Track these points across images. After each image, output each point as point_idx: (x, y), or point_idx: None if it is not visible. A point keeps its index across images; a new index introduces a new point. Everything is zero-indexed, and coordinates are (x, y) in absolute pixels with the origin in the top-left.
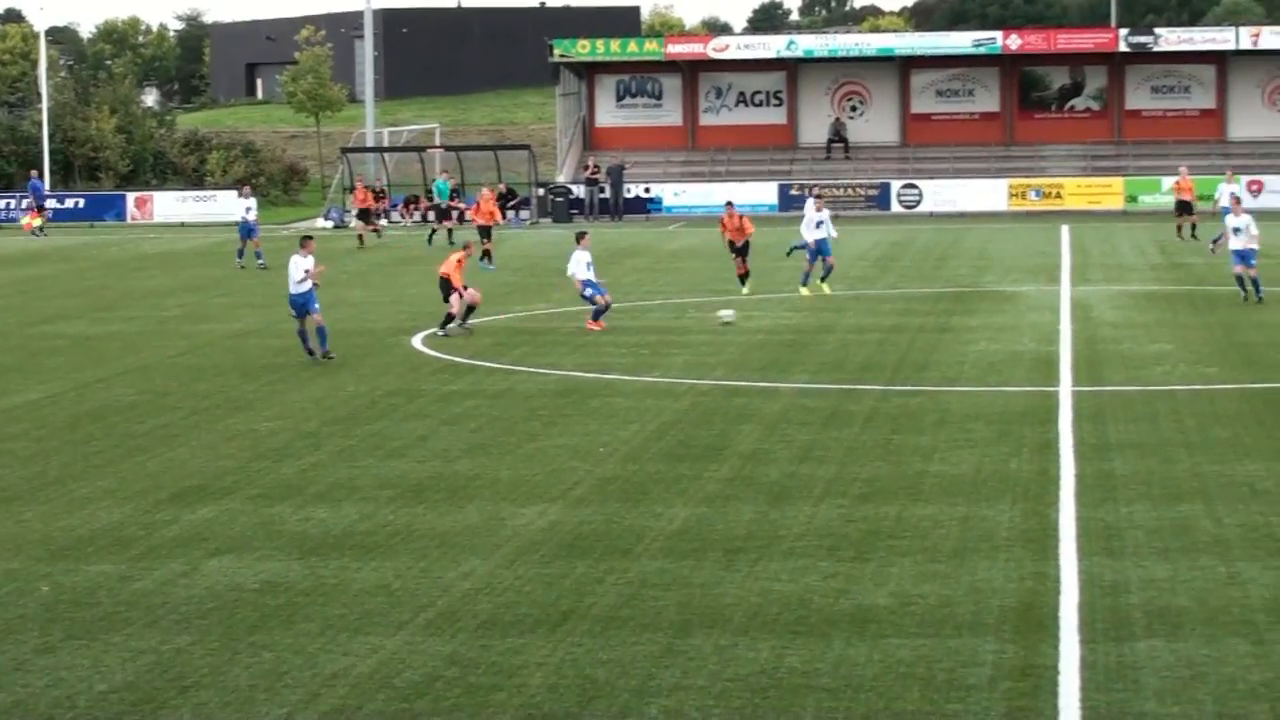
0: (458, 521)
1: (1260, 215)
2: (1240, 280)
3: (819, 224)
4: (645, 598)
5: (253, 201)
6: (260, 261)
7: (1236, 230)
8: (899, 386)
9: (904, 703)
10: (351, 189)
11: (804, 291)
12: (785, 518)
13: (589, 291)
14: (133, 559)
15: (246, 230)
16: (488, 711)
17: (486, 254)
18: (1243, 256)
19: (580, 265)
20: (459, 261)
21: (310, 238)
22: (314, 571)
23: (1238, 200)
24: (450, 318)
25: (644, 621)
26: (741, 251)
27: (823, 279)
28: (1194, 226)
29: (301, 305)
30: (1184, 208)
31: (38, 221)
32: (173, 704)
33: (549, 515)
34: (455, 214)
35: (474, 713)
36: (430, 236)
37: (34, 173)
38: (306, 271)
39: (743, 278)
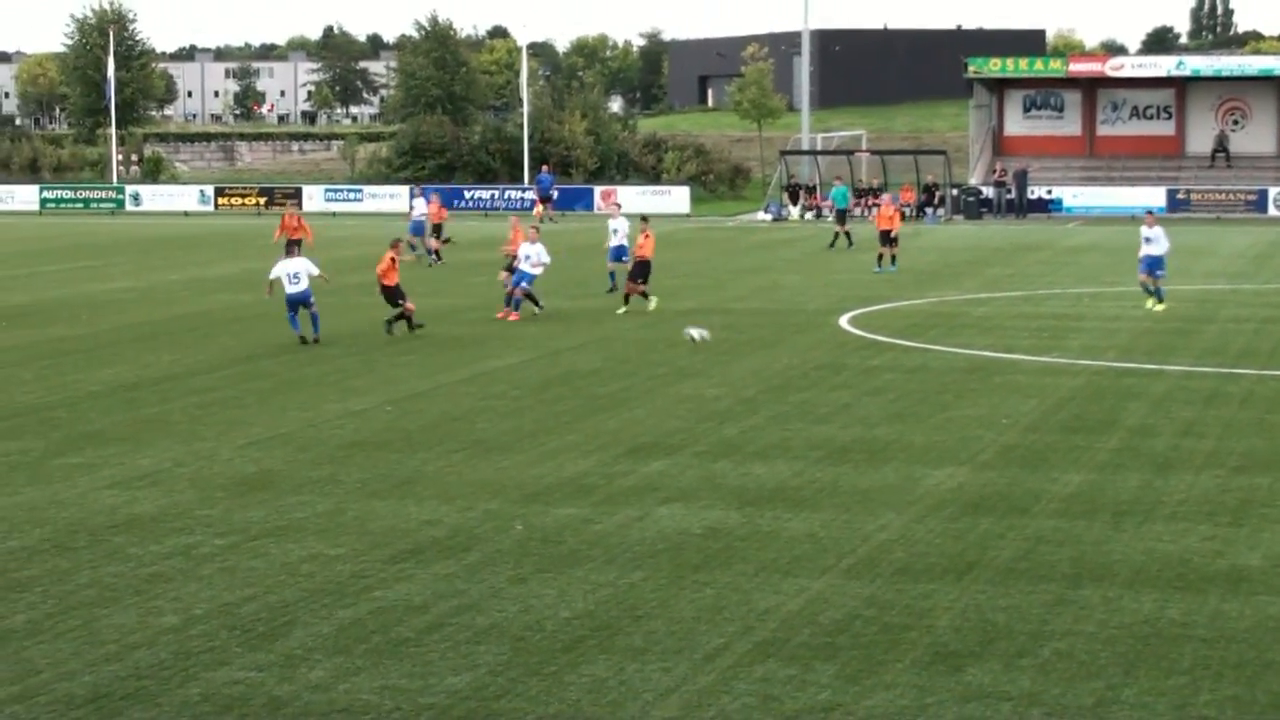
0: (876, 480)
1: None
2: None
3: (615, 231)
4: (1041, 553)
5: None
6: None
7: None
8: (1274, 371)
9: (1274, 654)
10: (787, 187)
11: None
12: (1168, 485)
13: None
14: (594, 504)
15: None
16: (901, 647)
17: (882, 257)
18: None
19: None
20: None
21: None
22: (750, 520)
23: None
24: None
25: (1040, 573)
26: (640, 273)
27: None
28: None
29: None
30: None
31: (543, 210)
32: (626, 630)
33: (957, 477)
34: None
35: (889, 648)
36: (833, 242)
37: (544, 167)
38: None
39: (632, 296)
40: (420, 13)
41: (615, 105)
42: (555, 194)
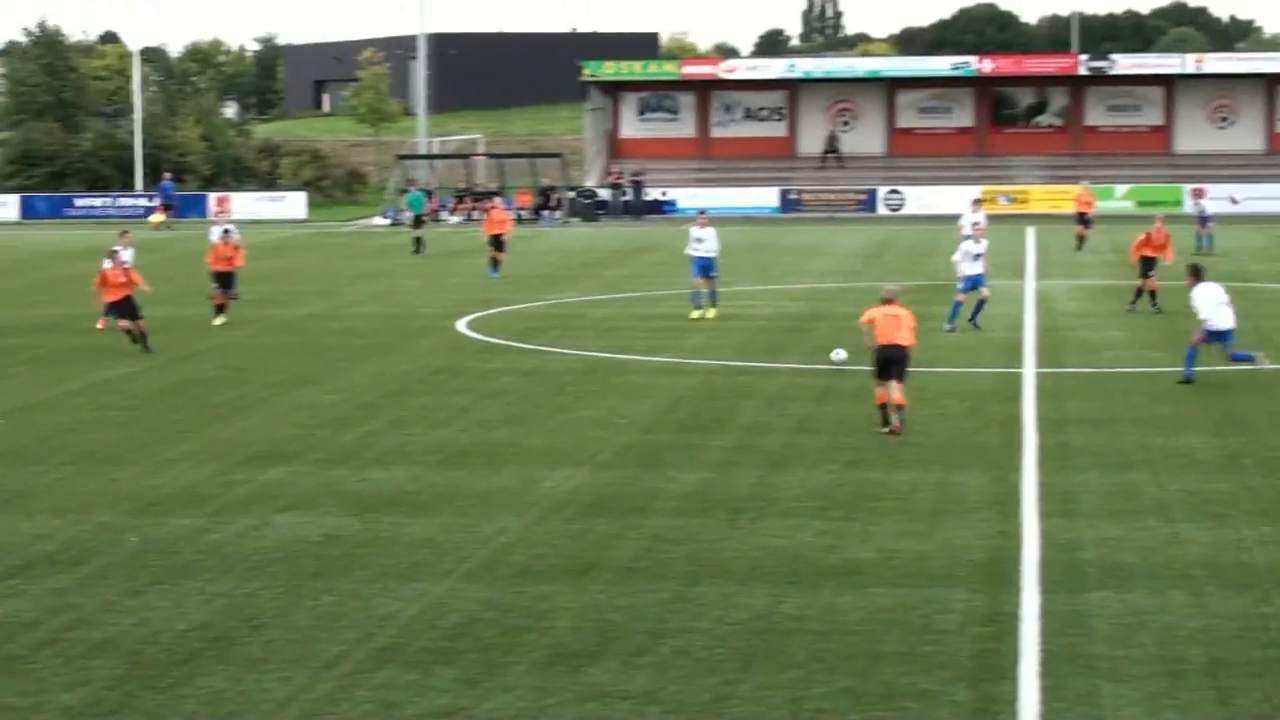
0: (495, 483)
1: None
2: None
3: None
4: (658, 551)
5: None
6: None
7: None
8: None
9: (884, 644)
10: (403, 191)
11: None
12: (782, 482)
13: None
14: (211, 514)
15: None
16: (521, 649)
17: (495, 262)
18: None
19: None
20: None
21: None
22: (369, 526)
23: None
24: None
25: (657, 572)
26: (226, 281)
27: None
28: (1082, 239)
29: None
30: (1083, 219)
31: (161, 218)
32: (244, 641)
33: (575, 478)
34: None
35: (509, 650)
36: (417, 246)
37: (166, 175)
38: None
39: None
40: (28, 18)
41: (230, 110)
42: (175, 201)
